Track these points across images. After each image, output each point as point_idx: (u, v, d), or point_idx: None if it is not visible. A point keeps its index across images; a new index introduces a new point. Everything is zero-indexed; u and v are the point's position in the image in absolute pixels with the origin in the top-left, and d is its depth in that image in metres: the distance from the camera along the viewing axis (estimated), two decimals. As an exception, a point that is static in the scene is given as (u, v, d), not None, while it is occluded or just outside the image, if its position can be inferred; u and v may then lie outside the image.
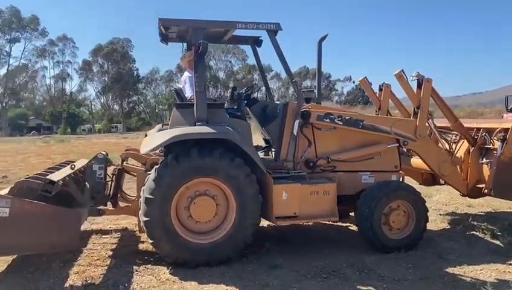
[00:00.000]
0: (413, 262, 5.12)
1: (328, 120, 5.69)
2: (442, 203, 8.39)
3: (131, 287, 4.43)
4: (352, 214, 6.03)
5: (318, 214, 5.45)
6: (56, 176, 4.95)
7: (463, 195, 6.48)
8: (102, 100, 75.55)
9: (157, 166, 4.98)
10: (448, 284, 4.50)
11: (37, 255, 5.06)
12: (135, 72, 72.92)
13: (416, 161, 6.72)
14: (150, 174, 5.08)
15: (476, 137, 6.24)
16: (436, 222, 7.01)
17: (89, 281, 4.56)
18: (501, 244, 5.79)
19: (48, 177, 4.81)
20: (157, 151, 5.59)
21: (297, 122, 5.51)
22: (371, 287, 4.44)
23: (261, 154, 6.30)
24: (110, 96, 73.85)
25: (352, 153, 5.83)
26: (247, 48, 6.02)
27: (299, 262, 5.12)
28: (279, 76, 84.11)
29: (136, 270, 4.89)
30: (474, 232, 6.33)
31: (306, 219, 5.52)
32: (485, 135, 6.14)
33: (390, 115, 7.02)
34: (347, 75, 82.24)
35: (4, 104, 65.68)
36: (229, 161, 4.96)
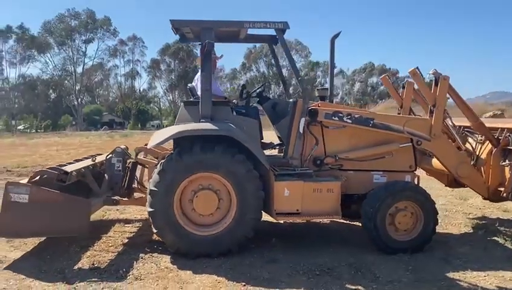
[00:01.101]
0: (416, 265, 4.99)
1: (336, 118, 5.67)
2: (476, 207, 8.01)
3: (131, 272, 4.74)
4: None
5: (321, 212, 5.46)
6: (71, 167, 5.40)
7: (484, 198, 6.18)
8: (169, 97, 78.50)
9: (163, 160, 5.26)
10: (442, 288, 4.37)
11: (59, 240, 5.54)
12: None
13: (437, 162, 6.48)
14: (158, 167, 5.37)
15: (500, 138, 5.92)
16: (459, 226, 6.75)
17: (95, 265, 4.94)
18: (519, 251, 5.48)
19: (63, 168, 5.26)
20: (165, 145, 5.87)
21: (303, 120, 5.56)
22: (360, 287, 4.42)
23: (274, 151, 6.43)
24: (177, 94, 76.49)
25: (362, 151, 5.77)
26: (310, 45, 6.17)
27: (299, 258, 5.18)
28: (343, 73, 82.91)
29: (142, 258, 5.20)
30: (495, 238, 6.02)
31: (309, 216, 5.55)
32: (508, 135, 5.81)
33: (414, 114, 6.80)
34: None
35: (80, 101, 70.14)
36: (230, 157, 5.12)
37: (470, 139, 6.53)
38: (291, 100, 5.97)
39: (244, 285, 4.43)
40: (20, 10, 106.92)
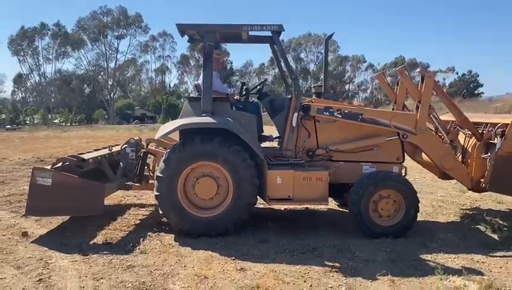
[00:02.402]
0: (393, 247, 5.45)
1: (327, 113, 6.17)
2: (473, 199, 8.34)
3: (138, 247, 5.41)
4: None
5: (311, 198, 5.99)
6: (88, 155, 6.13)
7: (469, 189, 6.55)
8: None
9: (168, 150, 5.91)
10: (410, 266, 4.83)
11: (79, 220, 6.29)
12: (229, 65, 75.80)
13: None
14: (166, 156, 6.01)
15: (484, 132, 6.29)
16: (449, 215, 7.15)
17: (108, 241, 5.65)
18: (496, 238, 5.86)
19: (81, 156, 5.99)
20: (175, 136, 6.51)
21: (295, 115, 6.09)
22: (336, 264, 4.93)
23: (275, 143, 6.98)
24: (205, 88, 77.43)
25: (351, 144, 6.26)
26: (338, 38, 6.71)
27: (288, 240, 5.73)
28: (374, 67, 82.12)
29: (149, 236, 5.87)
30: (478, 226, 6.40)
31: (299, 201, 6.09)
32: (491, 129, 6.17)
33: (408, 110, 7.20)
34: (450, 65, 77.68)
35: (112, 95, 72.31)
36: (227, 148, 5.71)
37: (461, 134, 6.90)
38: (288, 96, 6.51)
39: (234, 259, 5.02)
40: (56, 8, 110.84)
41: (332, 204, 7.50)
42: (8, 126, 45.22)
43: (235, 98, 6.75)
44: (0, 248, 5.36)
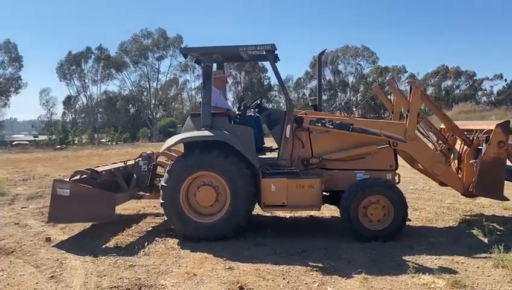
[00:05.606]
0: (380, 249, 5.74)
1: (319, 124, 6.57)
2: (480, 205, 8.40)
3: (142, 250, 5.97)
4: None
5: (304, 204, 6.39)
6: (102, 168, 6.81)
7: (462, 194, 6.71)
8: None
9: (172, 161, 6.49)
10: (389, 266, 5.12)
11: (97, 228, 6.96)
12: (266, 81, 76.76)
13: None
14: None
15: (474, 138, 6.47)
16: (448, 221, 7.30)
17: (118, 245, 6.26)
18: (485, 241, 5.99)
19: (94, 168, 6.68)
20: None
21: (289, 127, 6.53)
22: (320, 264, 5.28)
23: (275, 154, 7.43)
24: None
25: (343, 153, 6.61)
26: (377, 50, 7.17)
27: (282, 244, 6.12)
28: (414, 77, 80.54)
29: (155, 240, 6.43)
30: (472, 231, 6.53)
31: (293, 208, 6.51)
32: (479, 136, 6.35)
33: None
34: (497, 72, 75.13)
35: (155, 114, 74.83)
36: (224, 159, 6.22)
37: (458, 141, 7.08)
38: (284, 110, 6.97)
39: (225, 260, 5.48)
40: (99, 31, 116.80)
41: (336, 212, 7.81)
42: (58, 146, 47.76)
43: (235, 113, 7.27)
44: (25, 251, 6.09)
